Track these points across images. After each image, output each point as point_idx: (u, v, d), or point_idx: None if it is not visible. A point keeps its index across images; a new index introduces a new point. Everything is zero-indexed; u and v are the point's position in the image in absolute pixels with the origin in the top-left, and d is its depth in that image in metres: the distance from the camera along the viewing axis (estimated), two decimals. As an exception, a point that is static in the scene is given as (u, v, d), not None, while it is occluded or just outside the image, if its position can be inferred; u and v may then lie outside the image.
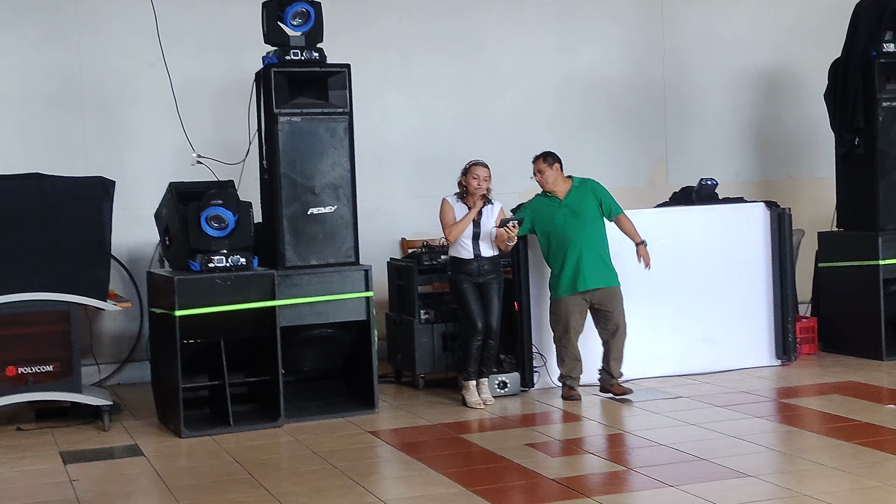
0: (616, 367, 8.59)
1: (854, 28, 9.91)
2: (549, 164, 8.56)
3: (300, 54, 8.31)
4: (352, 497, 6.30)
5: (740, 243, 9.55)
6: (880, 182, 9.77)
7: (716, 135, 11.57)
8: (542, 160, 8.59)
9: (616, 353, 8.58)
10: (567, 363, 8.61)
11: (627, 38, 11.32)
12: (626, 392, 8.51)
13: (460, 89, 10.81)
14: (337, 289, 8.29)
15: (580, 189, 8.59)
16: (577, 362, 8.61)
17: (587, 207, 8.53)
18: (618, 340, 8.57)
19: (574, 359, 8.59)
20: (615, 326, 8.54)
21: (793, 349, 9.60)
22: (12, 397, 8.02)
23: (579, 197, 8.55)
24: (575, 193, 8.57)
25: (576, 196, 8.56)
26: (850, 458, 6.71)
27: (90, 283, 8.18)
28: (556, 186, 8.58)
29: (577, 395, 8.58)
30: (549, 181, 8.57)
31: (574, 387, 8.61)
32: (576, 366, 8.61)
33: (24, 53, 9.69)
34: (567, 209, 8.53)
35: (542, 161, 8.59)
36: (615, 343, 8.57)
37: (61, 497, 6.55)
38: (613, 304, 8.54)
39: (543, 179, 8.58)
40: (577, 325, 8.57)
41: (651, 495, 6.24)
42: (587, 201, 8.54)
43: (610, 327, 8.56)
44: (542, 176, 8.58)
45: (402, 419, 8.25)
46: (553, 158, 8.59)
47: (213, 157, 9.09)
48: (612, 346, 8.59)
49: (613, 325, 8.54)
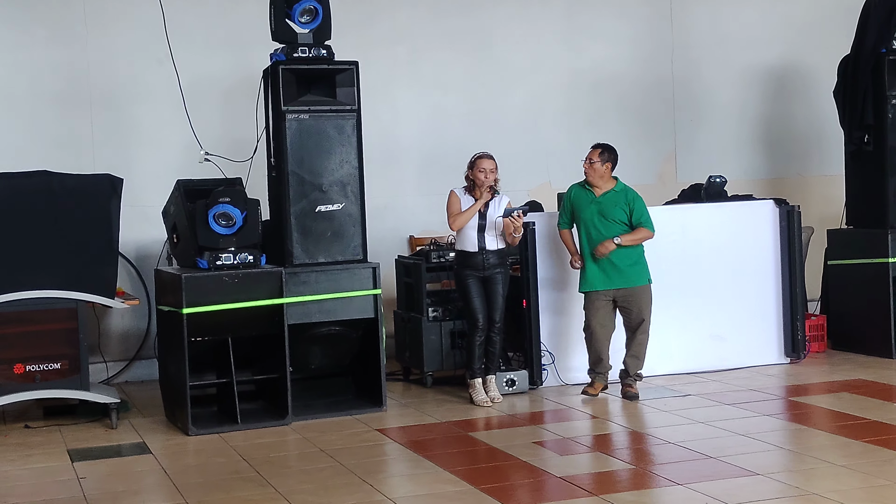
0: (632, 366, 8.54)
1: (864, 25, 9.89)
2: (602, 160, 8.44)
3: (308, 51, 8.30)
4: (359, 495, 6.30)
5: (749, 241, 9.53)
6: (890, 179, 9.74)
7: (725, 132, 11.54)
8: (599, 153, 8.46)
9: (633, 351, 8.52)
10: (590, 357, 8.57)
11: (636, 34, 11.30)
12: (633, 396, 8.47)
13: (469, 86, 10.80)
14: (345, 286, 8.28)
15: (618, 194, 8.47)
16: (598, 360, 8.53)
17: (615, 213, 8.43)
18: (639, 339, 8.49)
19: (595, 354, 8.53)
20: (639, 323, 8.45)
21: (802, 347, 9.57)
22: (20, 395, 8.03)
23: (613, 201, 8.45)
24: (611, 196, 8.46)
25: (610, 199, 8.45)
26: (860, 457, 6.69)
27: (98, 281, 8.18)
28: (599, 182, 8.47)
29: (593, 392, 8.52)
30: (595, 174, 8.45)
31: (594, 383, 8.54)
32: (598, 363, 8.54)
33: (31, 51, 9.69)
34: (596, 207, 8.46)
35: (598, 153, 8.47)
36: (634, 340, 8.51)
37: (69, 495, 6.55)
38: (635, 303, 8.45)
39: (591, 170, 8.47)
40: (596, 322, 8.47)
41: (660, 493, 6.23)
42: (618, 209, 8.43)
43: (635, 325, 8.49)
44: (591, 166, 8.47)
45: (410, 417, 8.24)
46: (609, 155, 8.46)
47: (220, 154, 9.08)
48: (630, 342, 8.54)
49: (637, 323, 8.46)
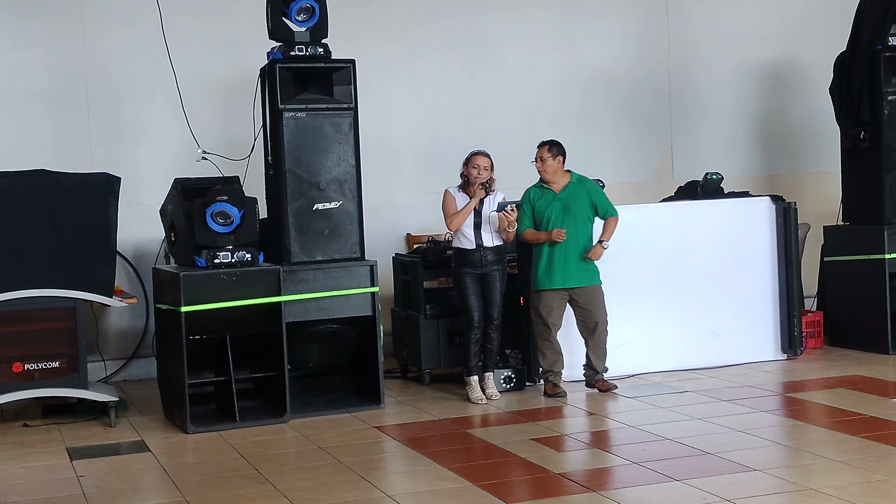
0: (599, 363, 8.61)
1: (859, 21, 9.90)
2: (553, 154, 8.53)
3: (305, 50, 8.30)
4: (358, 492, 6.31)
5: (746, 238, 9.54)
6: (886, 176, 9.76)
7: (721, 129, 11.55)
8: (547, 149, 8.56)
9: (599, 350, 8.60)
10: (549, 357, 8.59)
11: (632, 32, 11.31)
12: (611, 388, 8.52)
13: (465, 84, 10.80)
14: (342, 284, 8.30)
15: (577, 186, 8.56)
16: (558, 356, 8.60)
17: (580, 206, 8.50)
18: (598, 337, 8.57)
19: (556, 353, 8.59)
20: (594, 324, 8.54)
21: (798, 343, 9.59)
22: (19, 393, 8.04)
23: (574, 194, 8.52)
24: (571, 190, 8.54)
25: (571, 192, 8.53)
26: (856, 452, 6.71)
27: (96, 280, 8.19)
28: (555, 178, 8.55)
29: (562, 391, 8.53)
30: (548, 171, 8.53)
31: (558, 383, 8.58)
32: (557, 360, 8.59)
33: (29, 50, 9.69)
34: (560, 204, 8.51)
35: (547, 150, 8.56)
36: (596, 340, 8.58)
37: (68, 493, 6.56)
38: (594, 302, 8.53)
39: (544, 168, 8.55)
40: (556, 319, 8.56)
41: (657, 489, 6.23)
42: (581, 200, 8.51)
43: (590, 325, 8.56)
44: (542, 164, 8.54)
45: (407, 414, 8.25)
46: (558, 150, 8.56)
47: (218, 153, 9.08)
48: (592, 343, 8.60)
49: (593, 323, 8.54)
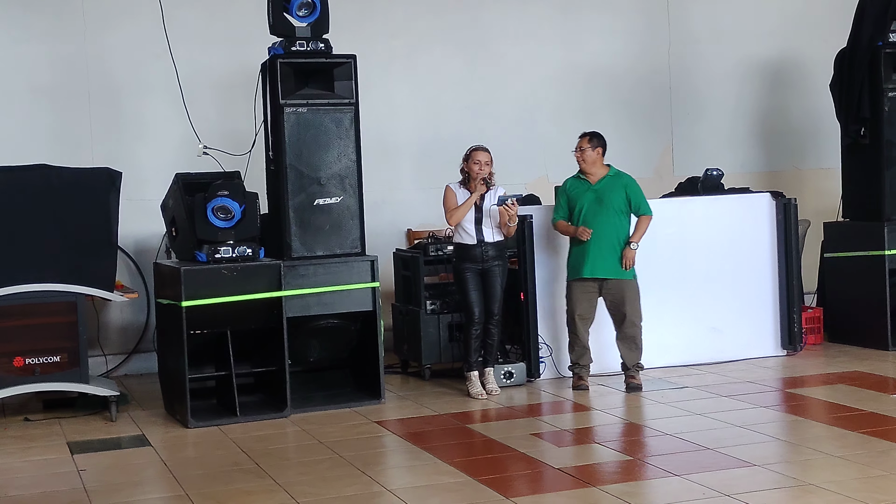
0: (630, 358, 8.59)
1: (860, 18, 9.90)
2: (593, 146, 8.55)
3: (306, 45, 8.31)
4: (358, 486, 6.32)
5: (746, 234, 9.55)
6: (886, 172, 9.77)
7: (721, 125, 11.56)
8: (588, 140, 8.57)
9: (628, 344, 8.59)
10: (576, 350, 8.62)
11: (632, 28, 11.31)
12: (636, 387, 8.52)
13: (466, 80, 10.81)
14: (343, 279, 8.30)
15: (613, 179, 8.56)
16: (585, 350, 8.61)
17: (614, 199, 8.51)
18: (625, 331, 8.56)
19: (582, 346, 8.60)
20: (622, 316, 8.54)
21: (798, 339, 9.59)
22: (20, 388, 8.04)
23: (609, 187, 8.53)
24: (607, 182, 8.55)
25: (607, 185, 8.54)
26: (856, 448, 6.72)
27: (97, 274, 8.19)
28: (592, 169, 8.56)
29: (585, 385, 8.58)
30: (587, 161, 8.55)
31: (583, 376, 8.61)
32: (584, 354, 8.61)
33: (30, 45, 9.70)
34: (594, 195, 8.52)
35: (587, 141, 8.57)
36: (622, 333, 8.59)
37: (69, 487, 6.57)
38: (622, 295, 8.53)
39: (582, 158, 8.56)
40: (584, 311, 8.57)
41: (657, 485, 6.25)
42: (616, 193, 8.52)
43: (617, 318, 8.57)
44: (581, 154, 8.56)
45: (408, 409, 8.26)
46: (598, 141, 8.57)
47: (219, 147, 9.08)
48: (619, 335, 8.61)
49: (620, 316, 8.55)
